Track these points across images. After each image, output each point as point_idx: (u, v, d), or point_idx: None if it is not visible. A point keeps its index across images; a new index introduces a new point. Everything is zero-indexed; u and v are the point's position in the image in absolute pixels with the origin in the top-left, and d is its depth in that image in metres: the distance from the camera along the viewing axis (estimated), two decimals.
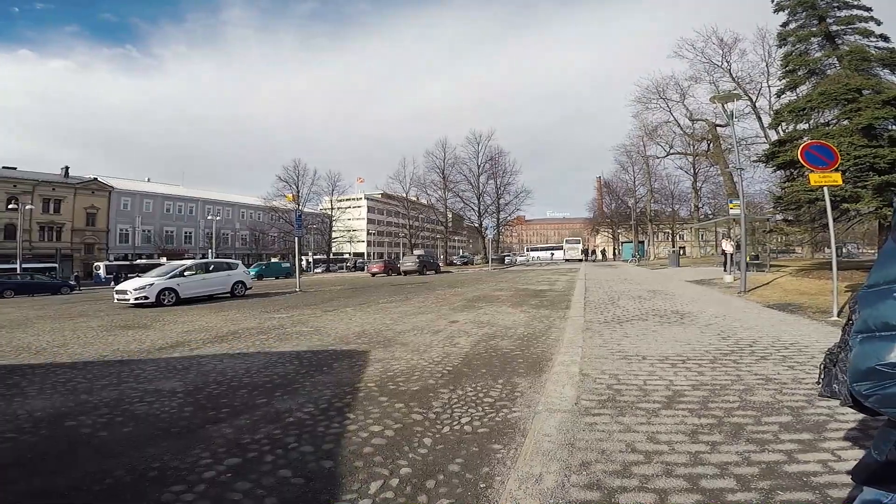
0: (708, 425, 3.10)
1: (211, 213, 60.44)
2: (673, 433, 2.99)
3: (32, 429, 3.62)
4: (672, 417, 3.26)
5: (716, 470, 2.50)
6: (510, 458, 2.87)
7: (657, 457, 2.67)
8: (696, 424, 3.12)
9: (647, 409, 3.42)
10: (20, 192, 47.56)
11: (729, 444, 2.80)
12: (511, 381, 4.60)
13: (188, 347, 7.07)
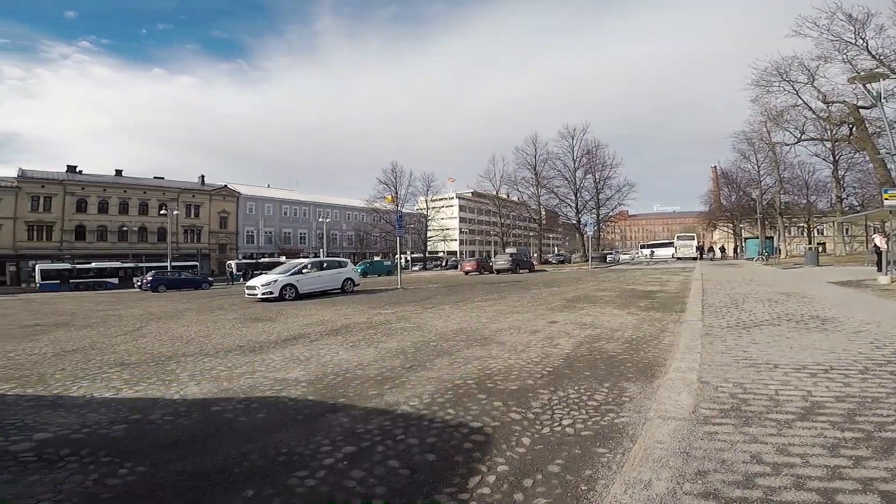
0: (853, 439, 2.72)
1: (321, 216, 65.61)
2: (808, 446, 2.67)
3: (186, 412, 4.03)
4: (809, 430, 2.90)
5: (857, 485, 2.20)
6: (616, 462, 2.76)
7: (787, 469, 2.40)
8: (837, 438, 2.75)
9: (778, 420, 3.07)
10: (168, 199, 55.72)
11: (878, 460, 2.44)
12: (618, 385, 4.39)
13: (308, 339, 7.73)
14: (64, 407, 4.19)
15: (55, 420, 3.82)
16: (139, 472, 2.86)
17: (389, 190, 58.77)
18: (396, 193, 58.85)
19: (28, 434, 3.47)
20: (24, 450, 3.19)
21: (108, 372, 5.61)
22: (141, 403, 4.31)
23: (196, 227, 58.91)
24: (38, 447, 3.24)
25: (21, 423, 3.73)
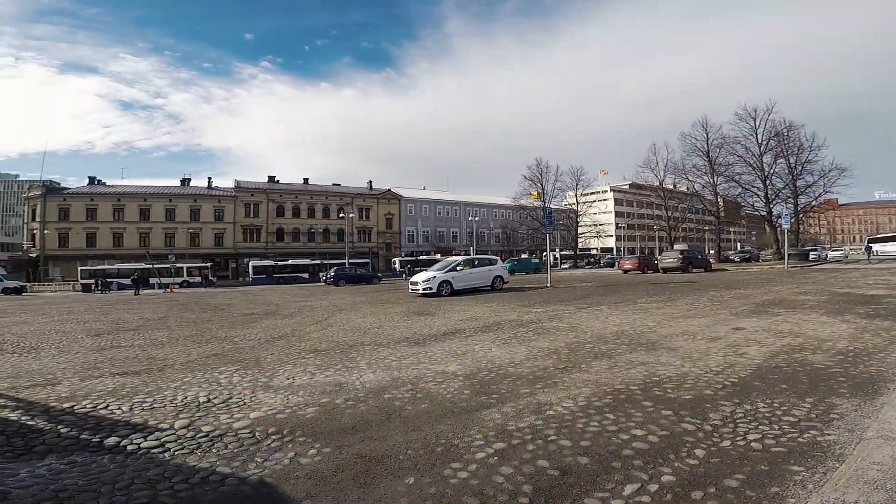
0: None
1: (470, 214, 67.92)
2: None
3: (364, 398, 4.37)
4: None
5: None
6: (813, 482, 2.48)
7: None
8: None
9: None
10: (344, 203, 63.57)
11: None
12: (825, 400, 3.73)
13: (463, 335, 8.02)
14: (273, 388, 4.89)
15: (266, 400, 4.44)
16: (325, 453, 3.14)
17: (535, 186, 57.88)
18: (543, 189, 57.73)
19: (246, 413, 4.07)
20: (242, 427, 3.70)
21: (305, 357, 6.51)
22: (329, 388, 4.80)
23: (367, 227, 66.17)
24: (251, 424, 3.74)
25: (242, 402, 4.44)
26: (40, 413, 3.98)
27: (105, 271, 42.49)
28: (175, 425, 3.72)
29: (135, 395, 4.59)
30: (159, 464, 2.99)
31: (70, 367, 5.97)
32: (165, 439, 3.42)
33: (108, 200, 54.05)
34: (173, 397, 4.51)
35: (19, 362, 6.39)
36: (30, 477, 2.77)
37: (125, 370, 5.78)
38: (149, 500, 2.50)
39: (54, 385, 5.01)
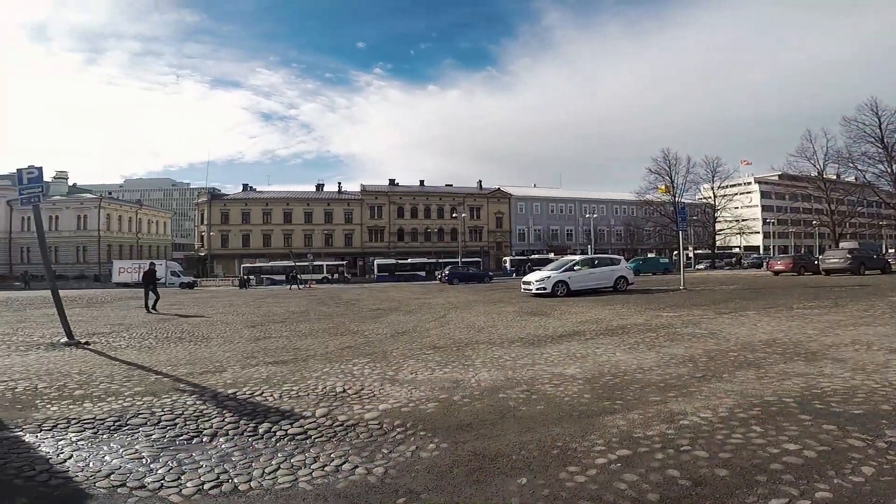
0: None
1: (587, 211, 64.95)
2: None
3: (479, 396, 4.39)
4: None
5: None
6: None
7: None
8: None
9: None
10: (456, 203, 65.06)
11: None
12: None
13: (583, 337, 7.70)
14: (398, 382, 5.12)
15: (393, 393, 4.64)
16: (442, 449, 3.20)
17: (662, 180, 53.24)
18: (672, 182, 52.89)
19: (375, 404, 4.28)
20: (372, 418, 3.87)
21: (426, 353, 6.76)
22: (447, 384, 4.88)
23: (478, 227, 67.03)
24: (380, 416, 3.90)
25: (372, 393, 4.71)
26: (210, 398, 4.57)
27: (261, 268, 49.11)
28: (316, 413, 4.04)
29: (284, 383, 5.13)
30: (302, 450, 3.27)
31: (233, 356, 6.88)
32: (308, 427, 3.72)
33: (259, 205, 62.32)
34: (315, 387, 4.95)
35: (195, 350, 7.51)
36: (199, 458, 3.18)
37: (276, 359, 6.52)
38: (290, 485, 2.75)
39: (221, 372, 5.77)
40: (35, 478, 2.75)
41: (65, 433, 3.55)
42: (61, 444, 3.34)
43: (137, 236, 66.15)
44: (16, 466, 2.90)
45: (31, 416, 3.96)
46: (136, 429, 3.66)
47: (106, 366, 6.15)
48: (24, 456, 3.07)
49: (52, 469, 2.87)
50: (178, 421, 3.85)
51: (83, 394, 4.68)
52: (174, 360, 6.52)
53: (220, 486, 2.72)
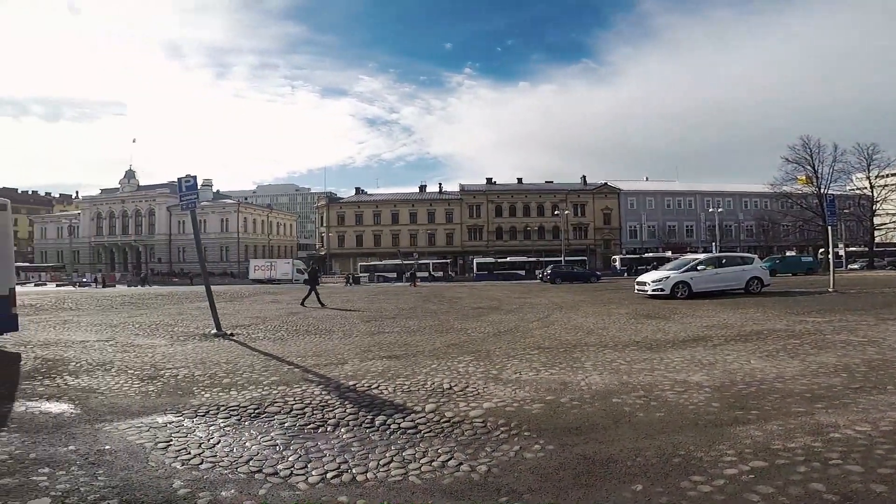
0: None
1: (710, 205, 58.87)
2: None
3: (590, 400, 4.30)
4: None
5: None
6: None
7: None
8: None
9: None
10: (558, 200, 63.20)
11: None
12: None
13: (710, 343, 7.05)
14: (502, 381, 5.12)
15: (497, 392, 4.66)
16: (548, 450, 3.17)
17: (803, 169, 46.20)
18: (815, 172, 45.70)
19: (480, 402, 4.31)
20: (477, 416, 3.91)
21: (530, 354, 6.66)
22: (554, 386, 4.82)
23: (582, 224, 64.40)
24: (484, 415, 3.96)
25: (476, 391, 4.75)
26: (333, 389, 4.93)
27: (375, 266, 52.41)
28: (426, 409, 4.18)
29: (397, 377, 5.37)
30: (413, 445, 3.39)
31: (352, 349, 7.38)
32: (418, 421, 3.86)
33: (369, 207, 66.65)
34: (424, 382, 5.12)
35: (319, 343, 8.18)
36: (323, 448, 3.43)
37: (390, 354, 6.87)
38: (401, 478, 2.85)
39: (342, 364, 6.21)
40: (190, 461, 3.11)
41: (214, 419, 4.01)
42: (212, 428, 3.77)
43: (269, 237, 74.26)
44: (175, 449, 3.31)
45: (189, 401, 4.52)
46: (272, 416, 4.04)
47: (247, 356, 6.91)
48: (182, 440, 3.50)
49: (204, 454, 3.24)
50: (307, 410, 4.19)
51: (230, 382, 5.28)
52: (303, 352, 7.15)
53: (341, 476, 2.89)
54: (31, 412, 4.16)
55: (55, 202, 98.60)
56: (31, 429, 3.70)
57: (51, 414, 4.12)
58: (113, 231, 69.94)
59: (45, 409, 4.28)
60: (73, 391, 4.90)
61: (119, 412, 4.16)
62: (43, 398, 4.62)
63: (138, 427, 3.76)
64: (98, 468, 2.94)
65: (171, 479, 2.83)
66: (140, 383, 5.23)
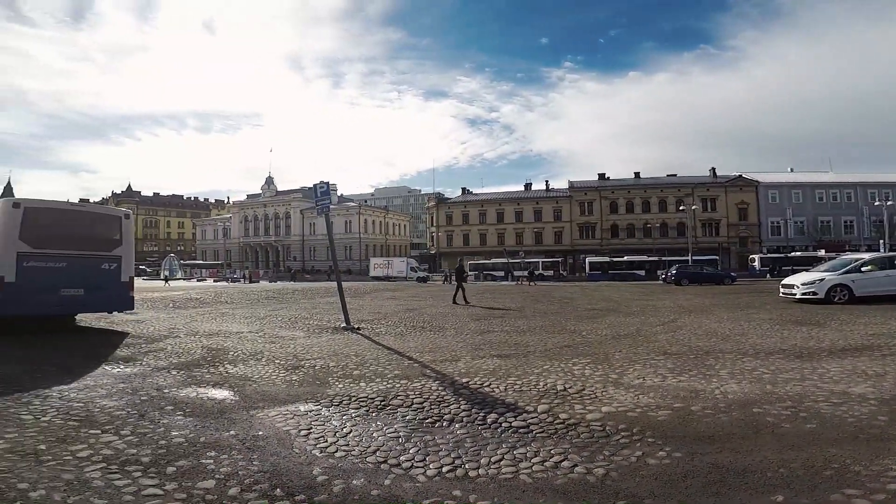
0: None
1: (875, 198, 49.35)
2: None
3: (725, 409, 4.02)
4: None
5: None
6: None
7: None
8: None
9: None
10: (683, 195, 57.85)
11: None
12: None
13: (878, 353, 6.19)
14: (623, 386, 4.91)
15: (617, 396, 4.49)
16: (675, 458, 3.03)
17: None
18: None
19: (597, 406, 4.23)
20: (594, 419, 3.84)
21: (654, 359, 6.26)
22: (683, 393, 4.53)
23: (713, 220, 58.25)
24: (603, 418, 3.86)
25: (594, 395, 4.60)
26: (448, 385, 5.09)
27: (483, 265, 53.09)
28: (538, 409, 4.14)
29: (508, 376, 5.40)
30: (524, 444, 3.39)
31: (464, 347, 7.57)
32: (530, 421, 3.85)
33: (475, 207, 67.58)
34: (536, 383, 5.08)
35: (434, 339, 8.50)
36: (440, 442, 3.56)
37: (500, 353, 6.92)
38: (512, 476, 2.87)
39: (456, 361, 6.39)
40: (327, 449, 3.39)
41: (347, 409, 4.34)
42: (344, 418, 4.07)
43: (385, 237, 79.10)
44: (315, 437, 3.62)
45: (326, 391, 4.93)
46: (395, 409, 4.29)
47: (373, 350, 7.42)
48: (320, 428, 3.82)
49: (338, 442, 3.52)
50: (426, 405, 4.39)
51: (359, 374, 5.70)
52: (420, 348, 7.51)
53: (455, 471, 2.99)
54: (201, 397, 4.72)
55: (212, 207, 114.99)
56: (201, 413, 4.19)
57: (215, 400, 4.65)
58: (257, 232, 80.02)
59: (210, 395, 4.83)
60: (232, 379, 5.52)
61: (269, 399, 4.64)
62: (209, 385, 5.23)
63: (284, 414, 4.15)
64: (253, 453, 3.27)
65: (312, 465, 3.07)
66: (285, 373, 5.83)
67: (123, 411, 4.15)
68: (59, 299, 9.10)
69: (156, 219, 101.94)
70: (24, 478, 2.74)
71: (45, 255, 8.98)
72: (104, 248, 9.85)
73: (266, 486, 2.75)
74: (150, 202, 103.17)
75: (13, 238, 8.68)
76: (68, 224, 9.71)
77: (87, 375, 5.54)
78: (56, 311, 9.55)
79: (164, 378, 5.51)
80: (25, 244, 8.76)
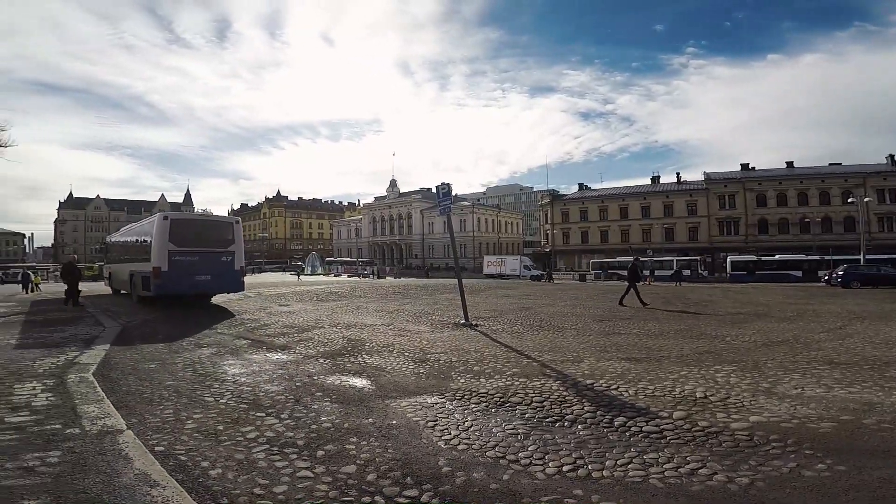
0: None
1: None
2: None
3: None
4: None
5: None
6: None
7: None
8: None
9: None
10: (851, 185, 48.78)
11: None
12: None
13: None
14: (777, 395, 4.44)
15: (768, 406, 4.13)
16: (837, 471, 2.83)
17: None
18: None
19: (744, 415, 3.90)
20: (739, 428, 3.61)
21: (816, 368, 5.53)
22: (853, 405, 4.11)
23: (893, 213, 48.14)
24: (750, 428, 3.60)
25: (740, 403, 4.22)
26: (570, 386, 4.99)
27: (608, 263, 50.34)
28: (674, 415, 3.92)
29: (639, 381, 5.13)
30: (656, 449, 3.25)
31: (587, 348, 7.31)
32: (664, 427, 3.66)
33: (594, 203, 64.44)
34: (671, 388, 4.77)
35: (553, 339, 8.32)
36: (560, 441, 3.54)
37: (629, 356, 6.58)
38: (641, 480, 2.78)
39: (578, 362, 6.22)
40: (450, 441, 3.54)
41: (468, 403, 4.50)
42: (466, 412, 4.23)
43: (498, 235, 79.43)
44: (441, 429, 3.82)
45: (449, 385, 5.14)
46: (514, 407, 4.34)
47: (491, 347, 7.54)
48: (445, 421, 4.01)
49: (461, 435, 3.66)
50: (545, 404, 4.38)
51: (479, 370, 5.85)
52: (539, 347, 7.45)
53: (576, 471, 2.96)
54: (344, 385, 5.21)
55: (345, 209, 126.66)
56: (344, 400, 4.62)
57: (356, 388, 5.09)
58: (384, 232, 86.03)
59: (351, 383, 5.30)
60: (369, 369, 6.00)
61: (400, 390, 4.97)
62: (350, 374, 5.75)
63: (414, 405, 4.42)
64: (388, 441, 3.52)
65: (438, 456, 3.24)
66: (414, 365, 6.20)
67: (282, 396, 4.76)
68: (195, 282, 12.95)
69: (300, 220, 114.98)
70: (206, 456, 3.23)
71: (185, 251, 12.70)
72: (223, 246, 13.53)
73: (398, 475, 2.95)
74: (296, 206, 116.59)
75: (165, 240, 12.54)
76: (199, 229, 13.85)
77: (254, 362, 6.50)
78: (192, 291, 13.32)
79: (313, 366, 6.23)
80: (173, 244, 12.58)
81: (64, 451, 3.15)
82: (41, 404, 4.25)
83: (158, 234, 12.62)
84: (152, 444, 3.39)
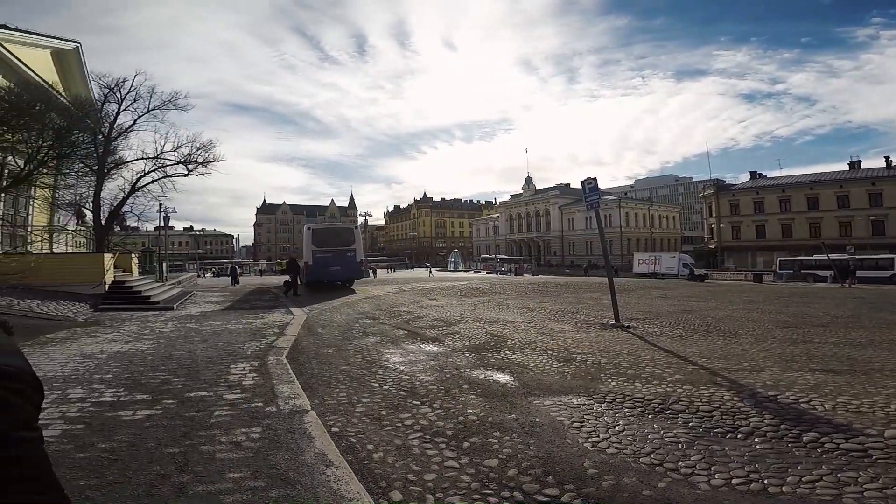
0: None
1: None
2: None
3: None
4: None
5: None
6: None
7: None
8: None
9: None
10: None
11: None
12: None
13: None
14: None
15: None
16: None
17: None
18: None
19: None
20: None
21: None
22: None
23: None
24: None
25: None
26: (747, 397, 4.39)
27: (802, 262, 42.43)
28: (885, 434, 3.31)
29: (838, 395, 4.33)
30: (856, 468, 2.83)
31: (769, 357, 6.32)
32: (870, 445, 3.13)
33: (773, 193, 54.96)
34: (884, 405, 3.97)
35: (725, 345, 7.31)
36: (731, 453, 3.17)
37: (825, 367, 5.56)
38: (831, 499, 2.48)
39: (758, 372, 5.43)
40: (598, 444, 3.41)
41: (620, 407, 4.26)
42: (617, 416, 4.02)
43: (650, 231, 72.96)
44: (587, 430, 3.67)
45: (598, 387, 4.93)
46: (676, 414, 4.00)
47: (647, 350, 6.98)
48: (592, 423, 3.87)
49: (610, 439, 3.49)
50: (715, 413, 3.95)
51: (633, 374, 5.47)
52: (707, 353, 6.65)
53: (749, 485, 2.69)
54: (488, 380, 5.33)
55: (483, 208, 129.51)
56: (489, 394, 4.73)
57: (499, 383, 5.17)
58: (521, 229, 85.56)
59: (495, 378, 5.40)
60: (512, 365, 6.04)
61: (544, 388, 4.92)
62: (494, 368, 5.87)
63: (558, 405, 4.35)
64: (530, 438, 3.53)
65: (583, 458, 3.16)
66: (558, 364, 6.08)
67: (434, 386, 5.08)
68: (330, 273, 18.01)
69: (443, 219, 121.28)
70: (371, 439, 3.58)
71: (323, 250, 17.98)
72: (347, 244, 18.50)
73: (539, 472, 2.95)
74: (439, 206, 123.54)
75: (310, 242, 18.13)
76: (331, 234, 19.06)
77: (410, 352, 7.05)
78: (327, 279, 18.14)
79: (460, 358, 6.53)
80: (314, 245, 18.04)
81: (264, 427, 3.81)
82: (249, 383, 5.21)
83: (306, 239, 18.32)
84: (329, 425, 3.90)
